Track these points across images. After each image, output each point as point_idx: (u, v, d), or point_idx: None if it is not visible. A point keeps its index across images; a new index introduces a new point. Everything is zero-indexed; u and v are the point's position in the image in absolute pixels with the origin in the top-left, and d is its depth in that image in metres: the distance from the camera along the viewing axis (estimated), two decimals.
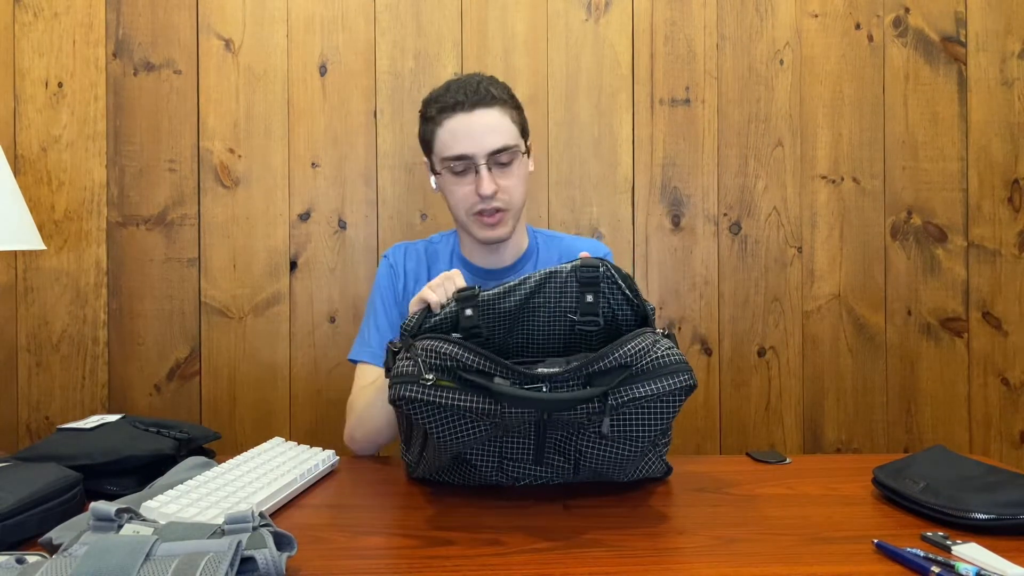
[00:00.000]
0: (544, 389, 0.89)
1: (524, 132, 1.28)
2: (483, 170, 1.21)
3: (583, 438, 0.96)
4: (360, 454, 1.27)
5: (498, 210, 1.24)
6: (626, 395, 0.90)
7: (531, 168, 1.33)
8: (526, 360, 1.05)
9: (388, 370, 0.99)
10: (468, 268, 1.35)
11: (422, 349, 0.92)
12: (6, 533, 0.80)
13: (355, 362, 1.34)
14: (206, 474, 0.99)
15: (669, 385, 0.91)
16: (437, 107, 1.24)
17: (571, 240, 1.42)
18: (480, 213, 1.24)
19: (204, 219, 1.74)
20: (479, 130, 1.21)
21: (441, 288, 1.04)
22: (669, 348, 0.93)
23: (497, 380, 0.89)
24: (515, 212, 1.27)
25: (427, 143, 1.29)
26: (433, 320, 1.02)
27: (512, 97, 1.27)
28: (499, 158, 1.22)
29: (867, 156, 1.80)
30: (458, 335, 0.99)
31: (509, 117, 1.24)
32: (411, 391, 0.90)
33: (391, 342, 1.02)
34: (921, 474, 0.97)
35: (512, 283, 1.02)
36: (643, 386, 0.90)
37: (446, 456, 0.98)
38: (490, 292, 1.02)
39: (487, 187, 1.21)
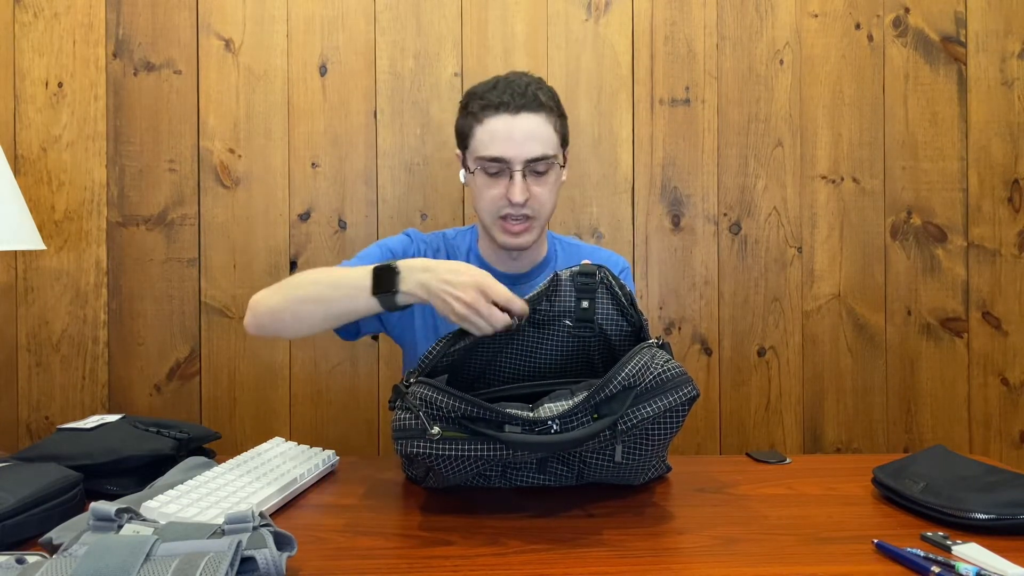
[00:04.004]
0: (554, 428, 0.88)
1: (564, 141, 1.25)
2: (517, 176, 1.17)
3: (587, 452, 0.96)
4: (253, 330, 1.14)
5: (527, 217, 1.21)
6: (634, 418, 0.90)
7: (564, 178, 1.29)
8: (527, 380, 1.05)
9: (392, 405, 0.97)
10: (485, 269, 1.33)
11: (419, 399, 0.90)
12: (6, 533, 0.80)
13: None
14: (206, 474, 0.99)
15: (674, 400, 0.91)
16: (481, 103, 1.20)
17: (590, 250, 1.39)
18: (505, 218, 1.21)
19: (204, 219, 1.74)
20: (519, 135, 1.17)
21: (476, 315, 0.97)
22: (667, 360, 0.93)
23: (508, 428, 0.88)
24: (542, 221, 1.24)
25: (463, 137, 1.24)
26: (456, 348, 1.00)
27: (559, 105, 1.23)
28: (536, 166, 1.18)
29: (867, 156, 1.80)
30: (443, 380, 0.98)
31: (552, 125, 1.20)
32: (419, 447, 0.90)
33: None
34: (921, 474, 0.97)
35: (529, 297, 1.01)
36: (649, 406, 0.90)
37: (456, 482, 0.99)
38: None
39: (519, 195, 1.17)
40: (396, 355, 1.75)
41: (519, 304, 0.98)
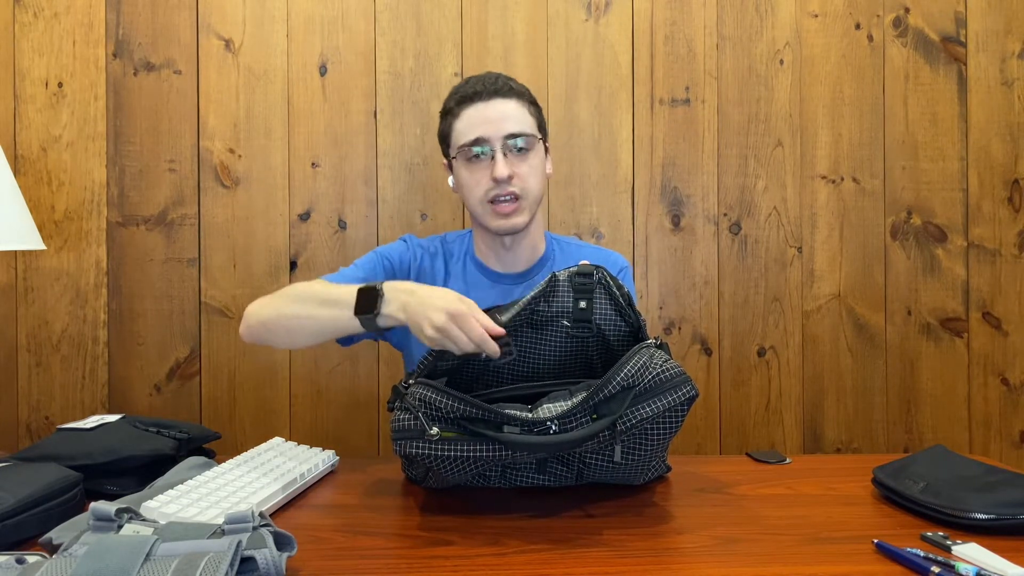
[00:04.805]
0: (553, 428, 0.88)
1: (542, 129, 1.28)
2: (499, 155, 1.20)
3: (587, 452, 0.96)
4: (247, 338, 1.17)
5: (516, 197, 1.22)
6: (633, 418, 0.90)
7: (549, 170, 1.31)
8: (526, 381, 1.05)
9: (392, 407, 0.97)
10: (482, 271, 1.32)
11: (418, 400, 0.90)
12: (6, 533, 0.80)
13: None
14: (206, 474, 0.99)
15: (673, 400, 0.91)
16: (456, 99, 1.24)
17: (590, 250, 1.39)
18: (494, 201, 1.22)
19: (204, 219, 1.74)
20: (495, 116, 1.21)
21: (461, 336, 0.95)
22: (666, 360, 0.93)
23: (506, 429, 0.88)
24: (531, 202, 1.24)
25: (445, 136, 1.27)
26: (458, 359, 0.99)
27: (531, 95, 1.27)
28: (515, 143, 1.21)
29: (867, 156, 1.80)
30: (443, 383, 0.97)
31: (527, 110, 1.24)
32: (418, 448, 0.90)
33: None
34: (921, 474, 0.97)
35: (526, 299, 1.02)
36: (648, 406, 0.90)
37: (455, 483, 0.99)
38: (508, 317, 1.00)
39: (501, 170, 1.19)
40: (396, 355, 1.75)
41: (495, 327, 0.96)
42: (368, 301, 1.03)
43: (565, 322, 1.03)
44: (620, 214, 1.78)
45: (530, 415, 0.89)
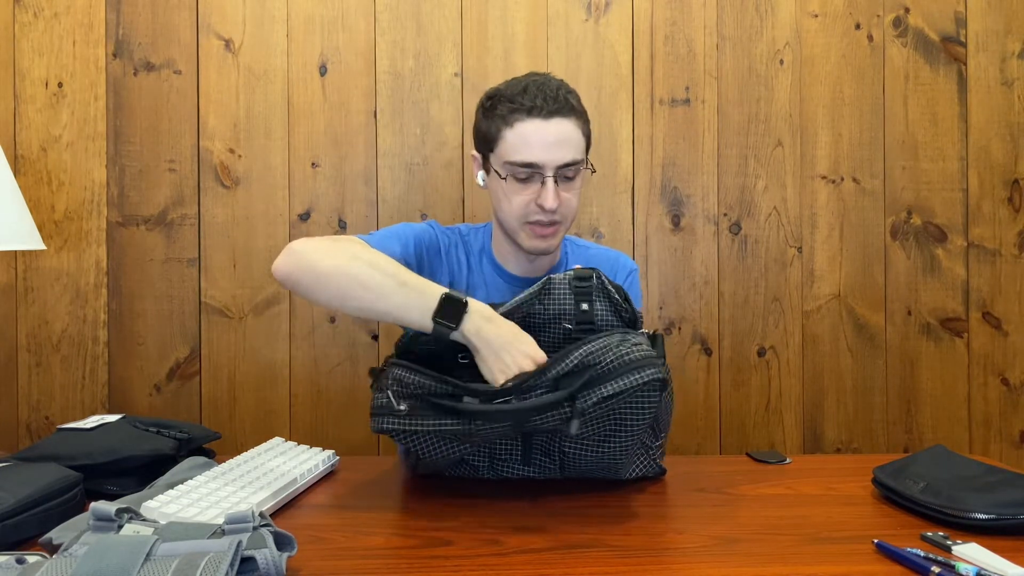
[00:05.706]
0: (513, 401, 0.90)
1: (589, 145, 1.24)
2: (549, 183, 1.15)
3: (564, 441, 0.99)
4: (283, 277, 1.06)
5: (554, 223, 1.19)
6: (593, 396, 0.91)
7: None
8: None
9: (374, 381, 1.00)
10: (498, 272, 1.30)
11: (392, 379, 0.95)
12: (6, 533, 0.80)
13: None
14: (206, 474, 0.99)
15: (634, 381, 0.91)
16: (510, 106, 1.16)
17: (598, 251, 1.38)
18: (534, 223, 1.19)
19: (204, 219, 1.74)
20: (552, 140, 1.15)
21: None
22: (636, 345, 0.93)
23: (466, 399, 0.91)
24: (567, 225, 1.22)
25: (488, 140, 1.20)
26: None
27: (584, 110, 1.22)
28: (566, 172, 1.17)
29: (867, 156, 1.80)
30: (418, 365, 0.97)
31: (581, 130, 1.19)
32: (390, 423, 0.94)
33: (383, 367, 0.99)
34: (921, 474, 0.97)
35: (519, 298, 1.02)
36: (608, 385, 0.91)
37: (440, 465, 1.01)
38: (504, 310, 1.02)
39: (552, 201, 1.15)
40: None
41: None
42: (452, 312, 0.98)
43: (567, 324, 1.03)
44: (620, 214, 1.78)
45: (487, 387, 0.92)
